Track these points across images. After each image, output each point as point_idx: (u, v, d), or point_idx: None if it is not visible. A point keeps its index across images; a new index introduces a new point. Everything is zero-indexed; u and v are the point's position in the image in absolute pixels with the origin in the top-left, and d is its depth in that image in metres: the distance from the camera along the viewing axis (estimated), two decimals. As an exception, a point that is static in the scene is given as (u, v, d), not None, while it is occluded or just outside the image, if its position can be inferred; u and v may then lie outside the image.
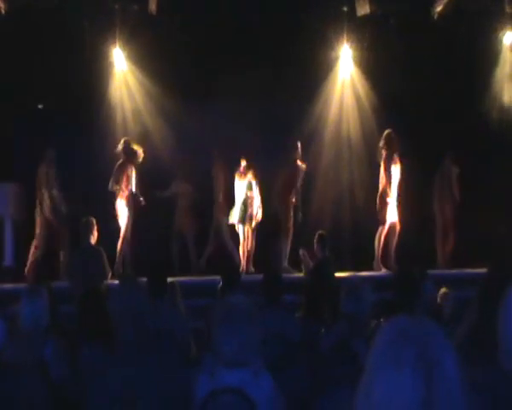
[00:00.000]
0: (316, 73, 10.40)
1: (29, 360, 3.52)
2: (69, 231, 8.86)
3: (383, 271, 9.01)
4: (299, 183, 9.49)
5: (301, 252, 8.16)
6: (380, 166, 9.24)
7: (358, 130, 10.66)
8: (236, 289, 5.32)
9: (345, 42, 10.36)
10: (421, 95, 10.11)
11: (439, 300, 5.95)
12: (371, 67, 10.40)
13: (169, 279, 5.49)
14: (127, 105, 10.42)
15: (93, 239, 7.26)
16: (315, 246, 7.76)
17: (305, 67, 10.07)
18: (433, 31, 9.97)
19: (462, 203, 9.82)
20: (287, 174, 9.53)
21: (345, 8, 10.07)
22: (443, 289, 6.10)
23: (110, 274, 7.29)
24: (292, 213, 9.46)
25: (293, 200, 9.45)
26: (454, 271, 9.12)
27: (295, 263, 8.99)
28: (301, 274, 8.30)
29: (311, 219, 9.81)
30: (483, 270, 4.82)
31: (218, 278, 6.02)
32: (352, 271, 8.95)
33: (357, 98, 10.73)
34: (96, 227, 7.27)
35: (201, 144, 10.08)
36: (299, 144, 9.49)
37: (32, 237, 9.12)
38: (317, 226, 8.68)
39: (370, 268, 9.15)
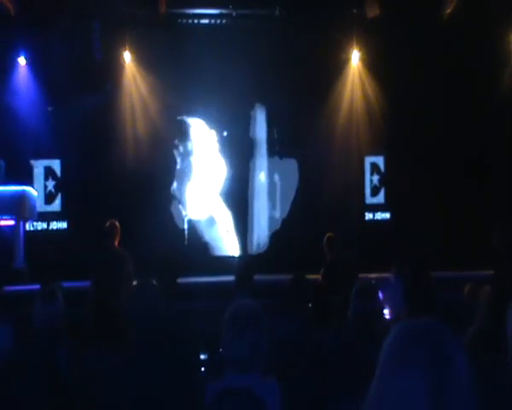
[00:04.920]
0: (326, 74, 10.40)
1: (41, 361, 3.54)
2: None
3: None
4: None
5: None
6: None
7: (368, 132, 10.64)
8: (249, 289, 5.29)
9: (354, 44, 10.38)
10: (431, 97, 10.08)
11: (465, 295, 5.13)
12: (381, 69, 10.40)
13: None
14: (137, 107, 10.45)
15: (117, 243, 7.05)
16: (324, 249, 7.72)
17: (314, 69, 10.08)
18: (443, 33, 9.95)
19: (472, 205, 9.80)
20: None
21: (355, 11, 10.08)
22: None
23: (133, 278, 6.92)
24: None
25: None
26: (463, 272, 9.06)
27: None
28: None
29: (319, 221, 9.79)
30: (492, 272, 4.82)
31: (227, 279, 5.99)
32: (362, 273, 8.88)
33: (367, 100, 10.72)
34: (119, 231, 7.07)
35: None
36: None
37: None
38: (325, 229, 8.63)
39: (379, 270, 9.08)
